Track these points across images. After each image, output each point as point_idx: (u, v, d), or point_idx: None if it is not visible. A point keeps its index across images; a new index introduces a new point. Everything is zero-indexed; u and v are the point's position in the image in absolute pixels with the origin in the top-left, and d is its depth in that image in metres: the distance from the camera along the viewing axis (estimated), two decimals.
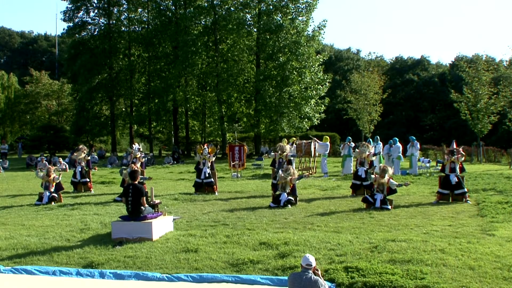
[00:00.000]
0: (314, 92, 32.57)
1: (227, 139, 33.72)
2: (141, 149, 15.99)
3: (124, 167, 15.38)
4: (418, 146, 20.95)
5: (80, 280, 6.87)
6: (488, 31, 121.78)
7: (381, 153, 20.37)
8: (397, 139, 20.57)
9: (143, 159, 15.95)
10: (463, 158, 12.99)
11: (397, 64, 64.29)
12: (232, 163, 22.45)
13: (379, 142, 21.06)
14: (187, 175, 21.63)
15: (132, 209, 8.76)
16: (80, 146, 18.21)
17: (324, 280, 6.18)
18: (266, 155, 30.46)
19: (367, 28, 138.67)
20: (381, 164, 15.65)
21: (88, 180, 16.78)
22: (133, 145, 16.34)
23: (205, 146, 15.76)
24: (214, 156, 15.76)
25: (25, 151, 38.56)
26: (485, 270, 6.40)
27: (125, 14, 39.17)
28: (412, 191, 14.48)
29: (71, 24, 38.39)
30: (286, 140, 22.10)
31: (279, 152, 15.02)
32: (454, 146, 13.41)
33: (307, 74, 32.11)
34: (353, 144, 21.70)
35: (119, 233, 8.67)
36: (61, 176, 14.65)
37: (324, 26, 33.60)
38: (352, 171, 20.88)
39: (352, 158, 21.44)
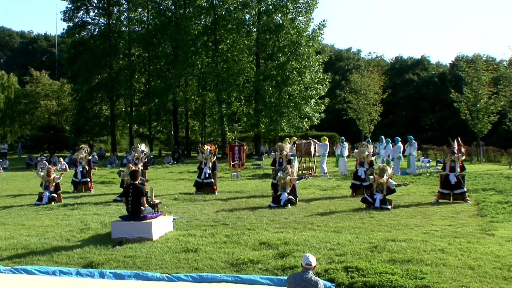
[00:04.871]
0: (314, 92, 32.59)
1: (227, 139, 33.72)
2: (145, 151, 15.95)
3: (122, 169, 15.38)
4: (416, 145, 20.96)
5: (80, 280, 6.87)
6: (488, 31, 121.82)
7: (383, 154, 20.41)
8: (399, 139, 20.58)
9: (145, 159, 15.91)
10: (463, 157, 13.00)
11: (397, 64, 64.24)
12: (232, 163, 22.45)
13: (383, 143, 21.09)
14: (187, 175, 21.62)
15: (132, 209, 8.76)
16: (81, 146, 18.21)
17: (324, 280, 6.20)
18: (266, 155, 30.54)
19: (367, 28, 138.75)
20: (380, 164, 15.66)
21: (89, 180, 16.77)
22: (139, 146, 16.30)
23: (208, 146, 15.77)
24: (214, 156, 15.77)
25: (25, 151, 38.55)
26: (485, 270, 6.40)
27: (125, 14, 39.18)
28: (412, 191, 14.47)
29: (71, 24, 38.39)
30: (288, 139, 22.14)
31: (279, 151, 15.03)
32: (455, 145, 13.40)
33: (307, 74, 32.11)
34: (346, 144, 21.83)
35: (119, 233, 8.68)
36: (62, 176, 14.65)
37: (324, 26, 33.62)
38: (347, 170, 20.99)
39: (345, 157, 21.60)
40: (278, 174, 12.65)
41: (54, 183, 14.04)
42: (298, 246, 7.76)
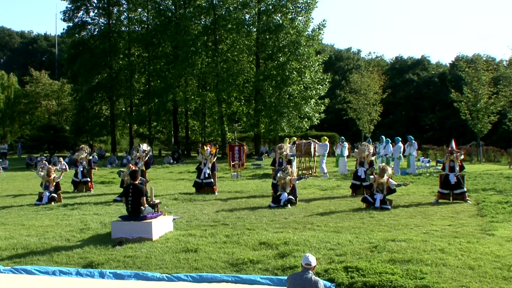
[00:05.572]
0: (314, 92, 32.62)
1: (227, 139, 33.74)
2: (146, 150, 15.95)
3: (121, 169, 15.36)
4: (416, 145, 20.99)
5: (80, 280, 6.87)
6: (488, 31, 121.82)
7: (387, 154, 20.38)
8: (400, 139, 20.60)
9: (146, 158, 15.86)
10: (462, 157, 13.01)
11: (397, 64, 64.24)
12: (232, 163, 22.45)
13: (383, 142, 21.07)
14: (187, 175, 21.63)
15: (132, 209, 8.76)
16: (82, 146, 18.22)
17: (324, 280, 6.20)
18: (266, 155, 30.55)
19: (367, 28, 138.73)
20: (380, 164, 15.66)
21: (89, 180, 16.78)
22: (141, 146, 16.31)
23: (208, 147, 15.78)
24: (215, 157, 15.77)
25: (25, 151, 38.54)
26: (485, 270, 6.40)
27: (125, 14, 39.18)
28: (412, 191, 14.48)
29: (71, 24, 38.40)
30: (288, 139, 22.17)
31: (279, 151, 15.04)
32: (453, 145, 13.43)
33: (307, 74, 32.14)
34: (346, 144, 21.85)
35: (119, 233, 8.67)
36: (62, 175, 14.64)
37: (324, 26, 33.65)
38: (347, 170, 21.00)
39: (345, 157, 21.60)
40: (278, 174, 12.65)
41: (54, 183, 14.05)
42: (298, 246, 7.76)
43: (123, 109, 41.01)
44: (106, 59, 37.51)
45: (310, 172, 20.56)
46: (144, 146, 16.18)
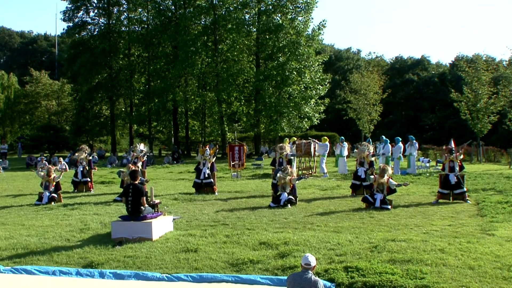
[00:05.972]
0: (314, 92, 32.64)
1: (227, 139, 33.75)
2: (144, 150, 15.98)
3: (121, 169, 15.39)
4: (417, 145, 20.97)
5: (80, 280, 6.88)
6: (488, 31, 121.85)
7: (384, 154, 20.38)
8: (400, 139, 20.59)
9: (144, 158, 15.91)
10: (462, 156, 13.01)
11: (397, 64, 64.22)
12: (232, 163, 22.45)
13: (383, 142, 21.06)
14: (187, 175, 21.62)
15: (132, 209, 8.76)
16: (82, 146, 18.23)
17: (324, 280, 6.20)
18: (266, 155, 30.55)
19: (367, 28, 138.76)
20: (380, 164, 15.66)
21: (89, 180, 16.78)
22: (138, 146, 16.34)
23: (207, 148, 15.79)
24: (214, 157, 15.78)
25: (25, 151, 38.56)
26: (485, 270, 6.40)
27: (125, 14, 39.21)
28: (412, 191, 14.47)
29: (71, 24, 38.44)
30: (288, 139, 22.15)
31: (279, 151, 15.04)
32: (453, 145, 13.44)
33: (307, 74, 32.16)
34: (346, 144, 21.86)
35: (119, 233, 8.67)
36: (62, 175, 14.65)
37: (324, 26, 33.68)
38: (347, 170, 21.00)
39: (345, 157, 21.61)
40: (278, 174, 12.65)
41: (54, 183, 14.04)
42: (298, 246, 7.76)
43: (123, 109, 41.03)
44: (106, 59, 37.51)
45: (310, 172, 20.55)
46: (141, 146, 16.20)
